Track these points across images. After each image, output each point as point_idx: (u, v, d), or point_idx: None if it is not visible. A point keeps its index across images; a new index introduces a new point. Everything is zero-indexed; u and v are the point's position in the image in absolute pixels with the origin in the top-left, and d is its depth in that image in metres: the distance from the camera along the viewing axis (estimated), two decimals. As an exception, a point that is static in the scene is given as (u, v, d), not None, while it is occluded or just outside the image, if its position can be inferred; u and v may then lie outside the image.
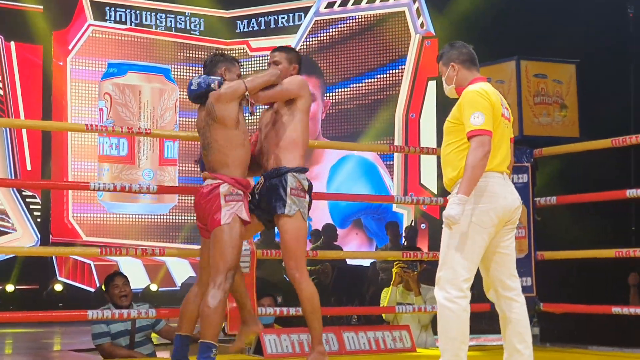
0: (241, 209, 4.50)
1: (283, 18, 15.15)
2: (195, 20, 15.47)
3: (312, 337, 4.76)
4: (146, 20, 15.11)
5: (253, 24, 15.40)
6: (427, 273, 6.81)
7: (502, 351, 4.38)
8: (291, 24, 15.07)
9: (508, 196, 4.18)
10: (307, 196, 4.69)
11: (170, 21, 15.29)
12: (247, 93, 4.51)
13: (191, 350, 4.69)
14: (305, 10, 14.94)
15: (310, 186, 4.74)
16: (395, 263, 6.76)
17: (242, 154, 4.55)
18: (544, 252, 6.27)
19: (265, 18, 15.30)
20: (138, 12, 15.05)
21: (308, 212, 4.71)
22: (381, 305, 6.84)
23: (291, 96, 4.68)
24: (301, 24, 14.96)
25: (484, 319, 10.12)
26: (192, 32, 15.42)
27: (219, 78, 4.55)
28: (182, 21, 15.36)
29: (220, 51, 5.15)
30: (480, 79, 4.32)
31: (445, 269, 4.14)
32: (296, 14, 15.05)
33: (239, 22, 15.53)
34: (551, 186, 7.38)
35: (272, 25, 15.21)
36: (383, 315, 6.74)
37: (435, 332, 6.78)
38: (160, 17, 15.23)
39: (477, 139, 4.06)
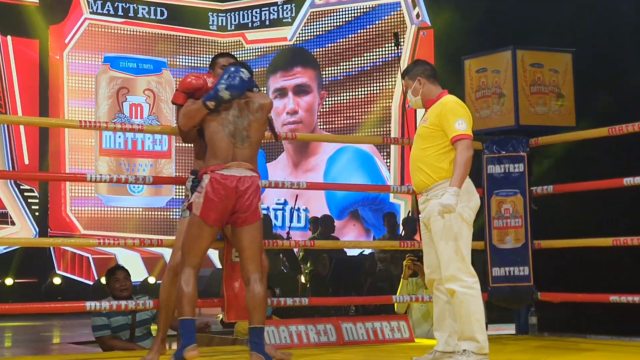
0: None
1: (278, 10, 15.14)
2: (191, 13, 15.45)
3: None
4: (142, 13, 15.09)
5: (248, 16, 15.38)
6: None
7: (500, 340, 4.41)
8: (287, 15, 15.06)
9: (477, 194, 4.69)
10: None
11: (166, 13, 15.27)
12: None
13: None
14: (301, 1, 14.93)
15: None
16: (406, 256, 6.76)
17: None
18: (540, 241, 6.28)
19: (261, 10, 15.28)
20: (134, 5, 15.03)
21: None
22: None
23: None
24: (297, 15, 14.95)
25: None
26: (187, 25, 15.41)
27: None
28: (178, 13, 15.35)
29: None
30: (446, 92, 4.76)
31: (454, 263, 4.50)
32: (292, 6, 15.04)
33: (234, 14, 15.51)
34: (548, 175, 7.39)
35: (268, 17, 15.20)
36: (395, 308, 6.75)
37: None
38: (156, 9, 15.21)
39: (464, 142, 4.53)
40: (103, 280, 6.46)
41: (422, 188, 4.67)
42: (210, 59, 5.19)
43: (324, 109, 14.67)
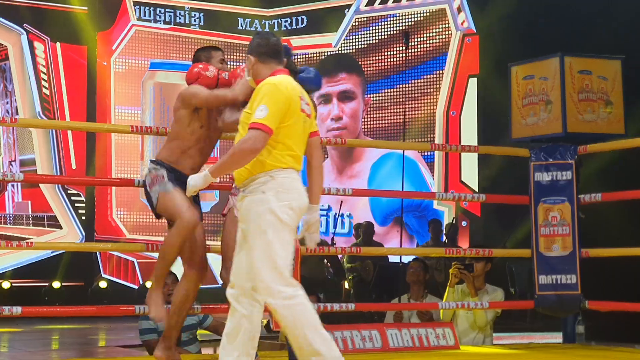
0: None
1: (323, 16, 15.18)
2: (237, 20, 15.54)
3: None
4: (188, 20, 15.22)
5: (294, 22, 15.44)
6: (491, 272, 6.80)
7: (547, 349, 4.37)
8: (332, 22, 15.09)
9: (304, 195, 4.04)
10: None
11: (211, 20, 15.38)
12: None
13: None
14: (346, 8, 14.95)
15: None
16: (453, 264, 6.75)
17: None
18: (588, 250, 6.23)
19: (306, 16, 15.34)
20: (180, 11, 15.17)
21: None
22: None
23: None
24: (342, 21, 14.98)
25: (527, 317, 10.13)
26: (233, 31, 15.50)
27: None
28: (224, 20, 15.44)
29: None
30: (281, 71, 4.14)
31: (267, 272, 3.88)
32: (337, 12, 15.07)
33: (280, 20, 15.58)
34: (596, 183, 7.33)
35: (313, 24, 15.24)
36: (440, 315, 6.74)
37: (495, 331, 6.78)
38: (202, 16, 15.32)
39: (253, 132, 3.88)
40: (148, 284, 6.51)
41: (239, 182, 4.05)
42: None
43: (368, 115, 14.67)
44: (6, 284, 12.98)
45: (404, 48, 11.99)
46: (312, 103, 4.26)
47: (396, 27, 14.42)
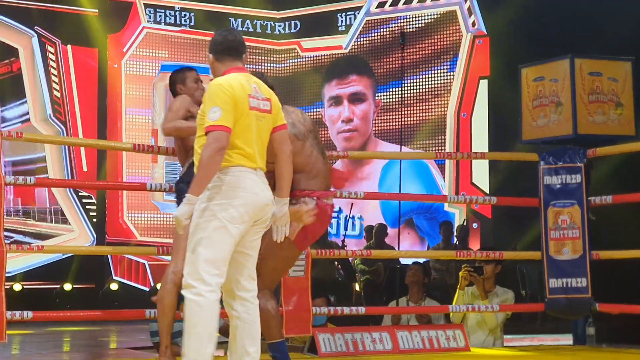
0: None
1: (334, 18, 15.18)
2: (247, 22, 15.56)
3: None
4: (198, 22, 15.24)
5: (304, 24, 15.44)
6: (502, 274, 6.80)
7: (557, 351, 4.36)
8: (342, 24, 15.09)
9: (259, 193, 3.95)
10: None
11: (222, 23, 15.39)
12: None
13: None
14: (356, 10, 14.95)
15: None
16: (463, 266, 6.75)
17: None
18: (599, 252, 6.21)
19: (316, 18, 15.33)
20: (191, 13, 15.19)
21: None
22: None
23: None
24: (352, 24, 14.97)
25: (537, 319, 10.11)
26: (243, 34, 15.50)
27: None
28: (234, 23, 15.45)
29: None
30: (237, 69, 4.09)
31: (189, 265, 3.87)
32: (347, 14, 15.06)
33: (289, 22, 15.59)
34: (606, 185, 7.31)
35: (323, 26, 15.24)
36: (450, 318, 6.74)
37: (505, 333, 6.78)
38: (213, 19, 15.34)
39: (211, 134, 3.85)
40: (159, 286, 6.53)
41: None
42: (264, 67, 5.28)
43: (378, 117, 14.66)
44: (17, 287, 13.01)
45: (401, 48, 12.01)
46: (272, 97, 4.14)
47: (407, 29, 14.40)
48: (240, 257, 4.01)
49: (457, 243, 11.27)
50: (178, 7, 15.12)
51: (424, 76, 14.20)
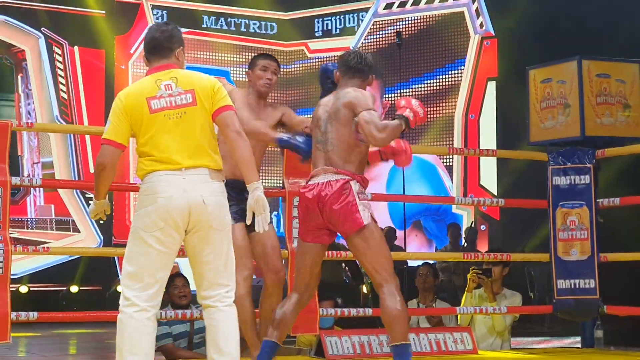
0: (372, 210, 4.34)
1: (341, 19, 15.17)
2: (255, 23, 15.56)
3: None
4: (205, 23, 15.24)
5: (312, 25, 15.43)
6: (510, 277, 6.78)
7: (565, 354, 4.33)
8: (350, 25, 15.08)
9: (178, 195, 3.70)
10: None
11: (229, 24, 15.39)
12: None
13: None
14: (364, 11, 14.94)
15: None
16: (471, 269, 6.72)
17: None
18: (607, 254, 6.18)
19: (324, 20, 15.33)
20: (197, 15, 15.19)
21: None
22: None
23: None
24: (360, 25, 14.96)
25: (545, 322, 10.08)
26: (250, 35, 15.50)
27: None
28: (241, 24, 15.45)
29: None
30: (157, 68, 3.97)
31: (122, 277, 3.81)
32: (354, 15, 15.05)
33: (297, 24, 15.58)
34: (614, 187, 7.29)
35: (331, 27, 15.23)
36: (458, 320, 6.71)
37: (513, 336, 6.76)
38: (219, 19, 15.34)
39: (102, 148, 3.83)
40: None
41: None
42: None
43: (386, 118, 14.63)
44: (24, 288, 13.03)
45: (397, 47, 12.00)
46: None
47: (414, 30, 14.38)
48: (198, 267, 3.85)
49: (466, 245, 11.25)
50: (184, 8, 15.12)
51: (431, 77, 14.18)
